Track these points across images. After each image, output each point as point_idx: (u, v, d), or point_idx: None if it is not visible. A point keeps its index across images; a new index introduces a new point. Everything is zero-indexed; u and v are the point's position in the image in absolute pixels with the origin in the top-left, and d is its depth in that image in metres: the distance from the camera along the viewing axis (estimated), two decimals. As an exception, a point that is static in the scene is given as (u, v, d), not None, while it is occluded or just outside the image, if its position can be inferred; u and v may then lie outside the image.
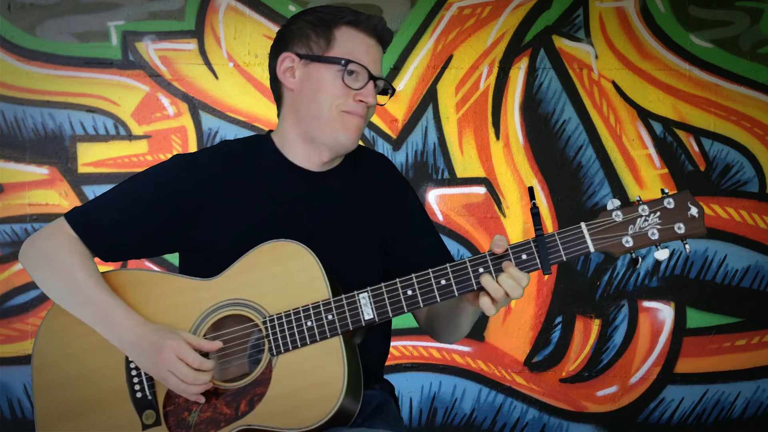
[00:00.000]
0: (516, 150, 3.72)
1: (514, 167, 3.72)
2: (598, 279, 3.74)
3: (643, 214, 1.72)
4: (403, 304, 1.78)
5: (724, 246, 3.73)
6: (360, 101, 1.92)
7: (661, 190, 1.74)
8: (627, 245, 1.71)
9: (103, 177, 3.63)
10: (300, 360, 1.79)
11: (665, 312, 3.75)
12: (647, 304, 3.75)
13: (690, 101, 3.72)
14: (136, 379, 1.86)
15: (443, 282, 1.77)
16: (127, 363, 1.87)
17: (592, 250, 1.72)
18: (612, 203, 1.73)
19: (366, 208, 2.01)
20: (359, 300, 1.79)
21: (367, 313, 1.79)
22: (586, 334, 3.75)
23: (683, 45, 3.71)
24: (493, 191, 3.72)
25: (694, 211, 1.72)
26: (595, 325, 3.75)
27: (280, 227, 1.88)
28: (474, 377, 3.75)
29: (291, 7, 3.62)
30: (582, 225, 1.73)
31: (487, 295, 1.75)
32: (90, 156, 3.64)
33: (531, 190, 1.76)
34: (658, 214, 1.72)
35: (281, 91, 2.01)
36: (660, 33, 3.72)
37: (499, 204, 3.72)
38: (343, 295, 1.80)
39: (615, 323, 3.75)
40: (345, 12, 1.96)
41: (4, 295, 3.61)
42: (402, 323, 1.98)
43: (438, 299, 1.78)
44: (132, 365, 1.86)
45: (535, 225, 1.73)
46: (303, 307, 1.80)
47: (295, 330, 1.79)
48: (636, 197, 1.75)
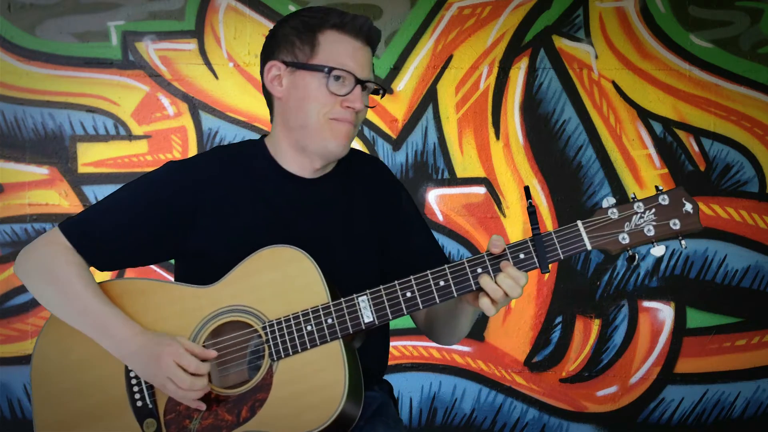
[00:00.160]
0: (516, 150, 3.72)
1: (514, 167, 3.72)
2: (598, 279, 3.74)
3: (639, 211, 1.73)
4: (403, 306, 1.78)
5: (724, 246, 3.73)
6: (347, 107, 1.89)
7: (656, 187, 1.75)
8: (623, 242, 1.72)
9: (103, 177, 3.63)
10: (301, 365, 1.79)
11: (665, 312, 3.75)
12: (647, 304, 3.75)
13: (690, 101, 3.72)
14: (136, 388, 1.85)
15: (442, 283, 1.77)
16: (127, 372, 1.86)
17: (589, 247, 1.72)
18: (607, 201, 1.74)
19: (361, 211, 2.01)
20: (358, 303, 1.79)
21: (367, 316, 1.79)
22: (586, 334, 3.75)
23: (683, 45, 3.71)
24: (493, 191, 3.72)
25: (688, 207, 1.73)
26: (595, 325, 3.75)
27: (275, 234, 1.87)
28: (474, 377, 3.75)
29: (291, 7, 3.62)
30: (578, 223, 1.74)
31: (487, 296, 1.75)
32: (90, 156, 3.64)
33: (527, 189, 1.77)
34: (653, 210, 1.73)
35: (271, 99, 2.00)
36: (660, 33, 3.71)
37: (499, 204, 3.72)
38: (343, 299, 1.80)
39: (615, 323, 3.75)
40: (329, 15, 1.92)
41: (4, 295, 3.61)
42: (402, 323, 1.98)
43: (437, 300, 1.78)
44: (132, 374, 1.86)
45: (532, 224, 1.74)
46: (302, 312, 1.80)
47: (295, 335, 1.79)
48: (631, 195, 1.75)
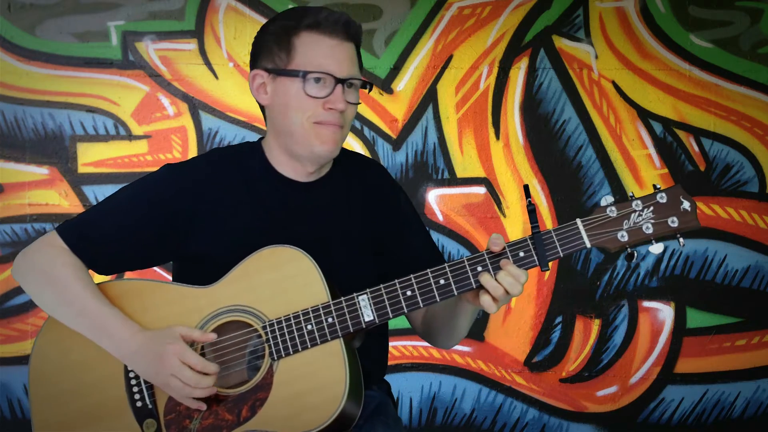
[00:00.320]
0: (516, 150, 3.72)
1: (514, 167, 3.72)
2: (598, 279, 3.74)
3: (637, 209, 1.74)
4: (403, 304, 1.78)
5: (724, 246, 3.73)
6: (330, 109, 1.86)
7: (653, 185, 1.76)
8: (622, 240, 1.73)
9: (103, 177, 3.63)
10: (301, 364, 1.79)
11: (665, 312, 3.75)
12: (647, 304, 3.75)
13: (690, 101, 3.72)
14: (135, 389, 1.85)
15: (442, 282, 1.77)
16: (126, 372, 1.86)
17: (588, 245, 1.73)
18: (606, 200, 1.75)
19: (358, 214, 2.00)
20: (359, 302, 1.79)
21: (368, 315, 1.79)
22: (586, 334, 3.75)
23: (683, 45, 3.71)
24: (493, 191, 3.72)
25: (686, 205, 1.74)
26: (595, 325, 3.74)
27: (272, 237, 1.86)
28: (474, 377, 3.75)
29: (291, 7, 3.62)
30: (578, 221, 1.75)
31: (488, 293, 1.75)
32: (90, 156, 3.64)
33: (526, 188, 1.78)
34: (651, 208, 1.74)
35: (263, 106, 1.99)
36: (660, 33, 3.71)
37: (499, 204, 3.72)
38: (343, 298, 1.80)
39: (615, 323, 3.75)
40: (304, 16, 1.89)
41: (4, 295, 3.61)
42: (402, 323, 1.98)
43: (437, 299, 1.78)
44: (131, 374, 1.85)
45: (532, 222, 1.74)
46: (302, 311, 1.80)
47: (296, 334, 1.79)
48: (630, 193, 1.76)
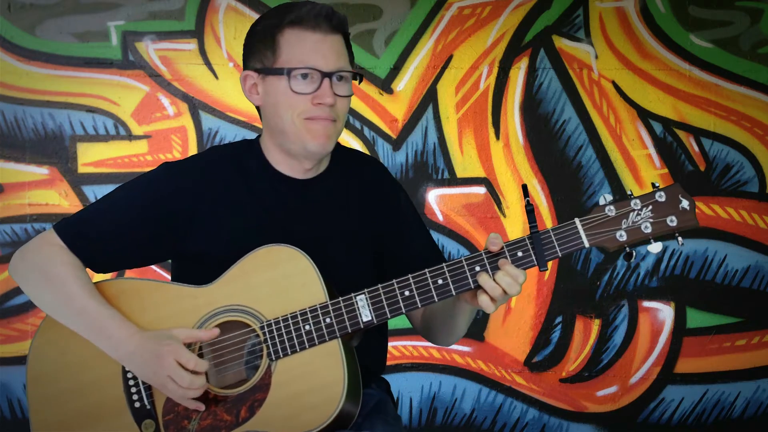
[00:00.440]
0: (516, 150, 3.72)
1: (514, 167, 3.72)
2: (598, 279, 3.74)
3: (636, 208, 1.73)
4: (401, 304, 1.78)
5: (724, 246, 3.72)
6: (318, 104, 1.85)
7: (652, 184, 1.75)
8: (621, 239, 1.72)
9: (103, 177, 3.63)
10: (299, 364, 1.78)
11: (665, 312, 3.75)
12: (647, 304, 3.75)
13: (690, 101, 3.72)
14: (133, 389, 1.84)
15: (440, 282, 1.77)
16: (124, 373, 1.85)
17: (586, 245, 1.72)
18: (604, 199, 1.74)
19: (356, 212, 1.99)
20: (357, 302, 1.79)
21: (365, 315, 1.78)
22: (586, 334, 3.75)
23: (683, 45, 3.71)
24: (493, 191, 3.72)
25: (685, 204, 1.73)
26: (595, 325, 3.74)
27: (270, 236, 1.86)
28: (474, 377, 3.75)
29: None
30: (576, 220, 1.74)
31: (486, 293, 1.75)
32: (90, 156, 3.64)
33: (525, 187, 1.77)
34: (650, 207, 1.73)
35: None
36: (660, 33, 3.71)
37: (499, 204, 3.72)
38: (341, 298, 1.79)
39: (615, 323, 3.75)
40: (287, 13, 1.88)
41: (4, 295, 3.61)
42: (402, 323, 1.98)
43: (435, 299, 1.77)
44: (129, 374, 1.85)
45: (530, 222, 1.74)
46: (300, 311, 1.79)
47: (294, 334, 1.78)
48: (628, 191, 1.75)
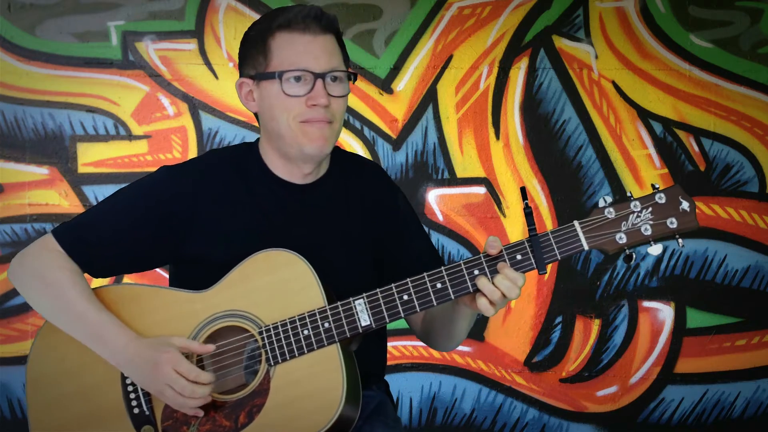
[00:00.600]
0: (516, 150, 3.72)
1: (514, 167, 3.72)
2: (598, 279, 3.74)
3: (635, 210, 1.71)
4: (400, 309, 1.77)
5: (724, 246, 3.72)
6: (313, 105, 1.84)
7: (652, 185, 1.73)
8: (620, 242, 1.71)
9: (103, 177, 3.63)
10: (298, 369, 1.78)
11: (665, 312, 3.75)
12: (647, 304, 3.75)
13: (690, 101, 3.72)
14: (132, 395, 1.84)
15: (439, 285, 1.76)
16: (123, 379, 1.85)
17: (586, 248, 1.71)
18: (604, 200, 1.72)
19: (356, 216, 1.99)
20: (355, 306, 1.78)
21: (364, 320, 1.77)
22: (586, 334, 3.74)
23: (683, 45, 3.71)
24: (493, 191, 3.71)
25: (685, 206, 1.71)
26: (595, 325, 3.74)
27: (269, 241, 1.85)
28: (474, 377, 3.75)
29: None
30: (575, 223, 1.72)
31: (485, 297, 1.74)
32: (90, 156, 3.63)
33: (523, 190, 1.75)
34: (650, 209, 1.71)
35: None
36: (660, 33, 3.71)
37: (499, 204, 3.72)
38: (339, 303, 1.78)
39: (615, 323, 3.75)
40: (276, 17, 1.88)
41: (4, 295, 3.61)
42: (402, 323, 1.98)
43: (434, 303, 1.76)
44: (128, 381, 1.84)
45: (529, 225, 1.73)
46: (299, 316, 1.79)
47: (292, 339, 1.78)
48: (628, 193, 1.74)
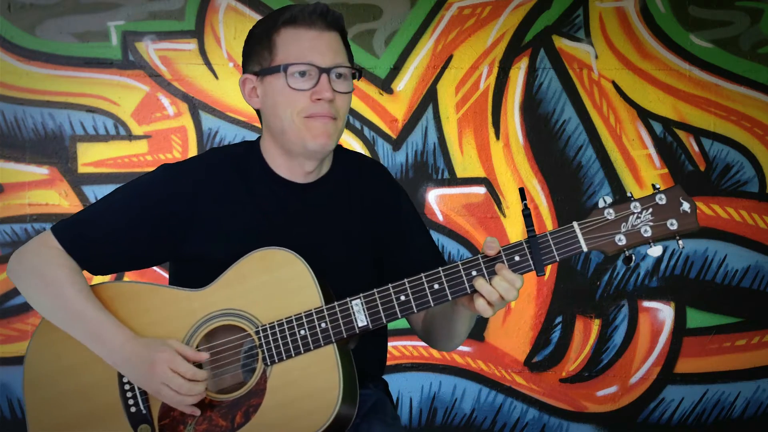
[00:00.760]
0: (516, 150, 3.72)
1: (514, 167, 3.72)
2: (598, 279, 3.74)
3: (635, 211, 1.70)
4: (397, 309, 1.76)
5: (724, 246, 3.72)
6: (317, 100, 1.84)
7: (653, 185, 1.72)
8: (620, 243, 1.69)
9: (103, 177, 3.63)
10: (294, 369, 1.78)
11: (665, 312, 3.75)
12: (647, 304, 3.75)
13: (690, 101, 3.72)
14: (129, 394, 1.84)
15: (436, 286, 1.75)
16: (120, 378, 1.85)
17: (584, 249, 1.70)
18: (603, 201, 1.70)
19: (356, 216, 1.98)
20: (352, 307, 1.77)
21: (361, 320, 1.77)
22: (586, 334, 3.74)
23: (683, 45, 3.71)
24: (493, 191, 3.71)
25: (686, 207, 1.69)
26: (595, 325, 3.74)
27: (269, 240, 1.85)
28: (474, 377, 3.75)
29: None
30: (574, 224, 1.71)
31: (482, 297, 1.73)
32: (90, 156, 3.64)
33: (522, 191, 1.74)
34: (650, 210, 1.69)
35: (258, 111, 1.98)
36: (660, 33, 3.71)
37: (499, 204, 3.72)
38: (336, 303, 1.78)
39: (615, 323, 3.75)
40: (282, 13, 1.89)
41: (4, 295, 3.61)
42: (402, 323, 1.97)
43: (431, 304, 1.76)
44: (125, 380, 1.85)
45: (527, 226, 1.71)
46: (296, 316, 1.78)
47: (289, 339, 1.78)
48: (628, 193, 1.72)
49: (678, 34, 3.71)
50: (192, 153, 3.65)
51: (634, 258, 1.71)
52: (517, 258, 1.73)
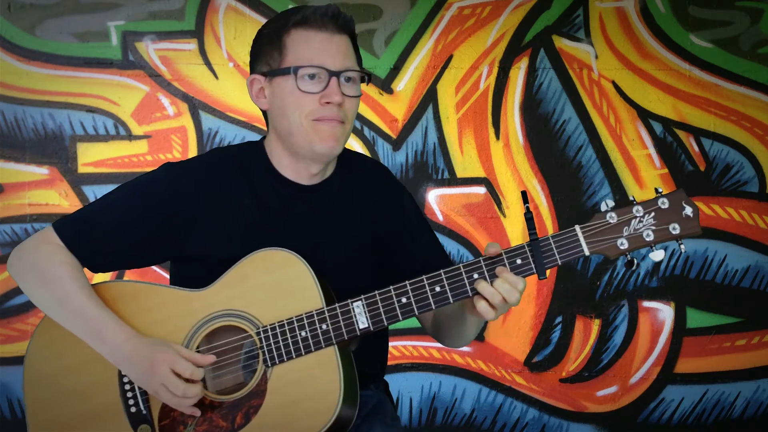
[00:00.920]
0: (516, 150, 3.72)
1: (514, 167, 3.72)
2: (598, 279, 3.74)
3: (638, 215, 1.69)
4: (398, 311, 1.76)
5: (724, 246, 3.72)
6: (326, 103, 1.83)
7: (655, 189, 1.71)
8: (622, 247, 1.69)
9: (103, 177, 3.63)
10: (295, 371, 1.77)
11: (665, 312, 3.75)
12: (647, 304, 3.75)
13: (690, 101, 3.72)
14: (129, 394, 1.84)
15: (437, 289, 1.75)
16: (120, 377, 1.85)
17: (587, 253, 1.69)
18: (606, 204, 1.70)
19: (360, 218, 1.98)
20: (353, 309, 1.77)
21: (362, 322, 1.77)
22: (586, 334, 3.74)
23: (683, 45, 3.71)
24: (493, 191, 3.71)
25: (688, 211, 1.69)
26: (595, 325, 3.74)
27: (271, 241, 1.85)
28: (474, 377, 3.75)
29: (291, 7, 3.62)
30: (576, 228, 1.71)
31: (484, 299, 1.73)
32: (90, 156, 3.63)
33: (524, 194, 1.73)
34: (652, 214, 1.69)
35: (265, 111, 1.97)
36: (660, 33, 3.71)
37: (499, 204, 3.72)
38: (337, 304, 1.78)
39: (615, 323, 3.75)
40: (293, 14, 1.88)
41: (4, 295, 3.61)
42: (402, 323, 1.97)
43: (433, 306, 1.75)
44: (125, 379, 1.84)
45: (530, 229, 1.71)
46: (297, 317, 1.78)
47: (290, 341, 1.77)
48: (630, 197, 1.72)
49: (678, 34, 3.71)
50: (192, 153, 3.65)
51: (636, 262, 1.70)
52: (519, 261, 1.73)
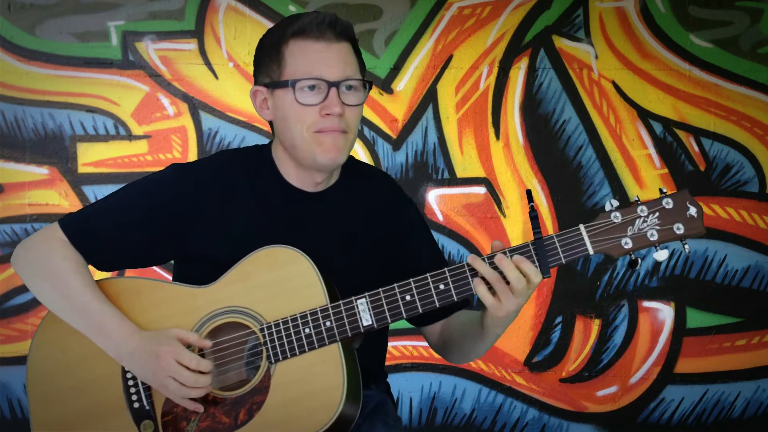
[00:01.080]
0: (516, 150, 3.72)
1: (514, 167, 3.72)
2: (598, 279, 3.74)
3: (642, 214, 1.69)
4: (402, 309, 1.76)
5: (724, 246, 3.72)
6: (327, 115, 1.82)
7: (660, 189, 1.71)
8: (626, 247, 1.69)
9: (103, 177, 3.63)
10: (299, 368, 1.77)
11: (665, 312, 3.75)
12: (647, 304, 3.75)
13: (690, 101, 3.72)
14: (132, 389, 1.84)
15: (441, 287, 1.75)
16: (123, 373, 1.85)
17: (591, 252, 1.69)
18: (610, 204, 1.70)
19: (362, 227, 1.98)
20: (357, 306, 1.77)
21: (366, 319, 1.77)
22: (586, 334, 3.75)
23: (683, 45, 3.71)
24: (493, 191, 3.71)
25: (692, 211, 1.69)
26: (595, 325, 3.74)
27: (274, 243, 1.84)
28: (474, 377, 3.75)
29: (291, 7, 3.62)
30: (581, 227, 1.70)
31: (484, 283, 1.71)
32: (90, 156, 3.63)
33: (529, 193, 1.73)
34: (656, 214, 1.69)
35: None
36: (660, 33, 3.71)
37: (499, 204, 3.72)
38: (341, 301, 1.78)
39: (615, 323, 3.75)
40: (290, 24, 1.86)
41: (4, 295, 3.61)
42: (402, 323, 1.97)
43: (437, 304, 1.75)
44: (128, 375, 1.84)
45: (534, 228, 1.71)
46: (300, 314, 1.78)
47: (293, 337, 1.77)
48: (634, 197, 1.72)
49: (678, 34, 3.71)
50: (192, 153, 3.65)
51: (639, 263, 1.71)
52: None
